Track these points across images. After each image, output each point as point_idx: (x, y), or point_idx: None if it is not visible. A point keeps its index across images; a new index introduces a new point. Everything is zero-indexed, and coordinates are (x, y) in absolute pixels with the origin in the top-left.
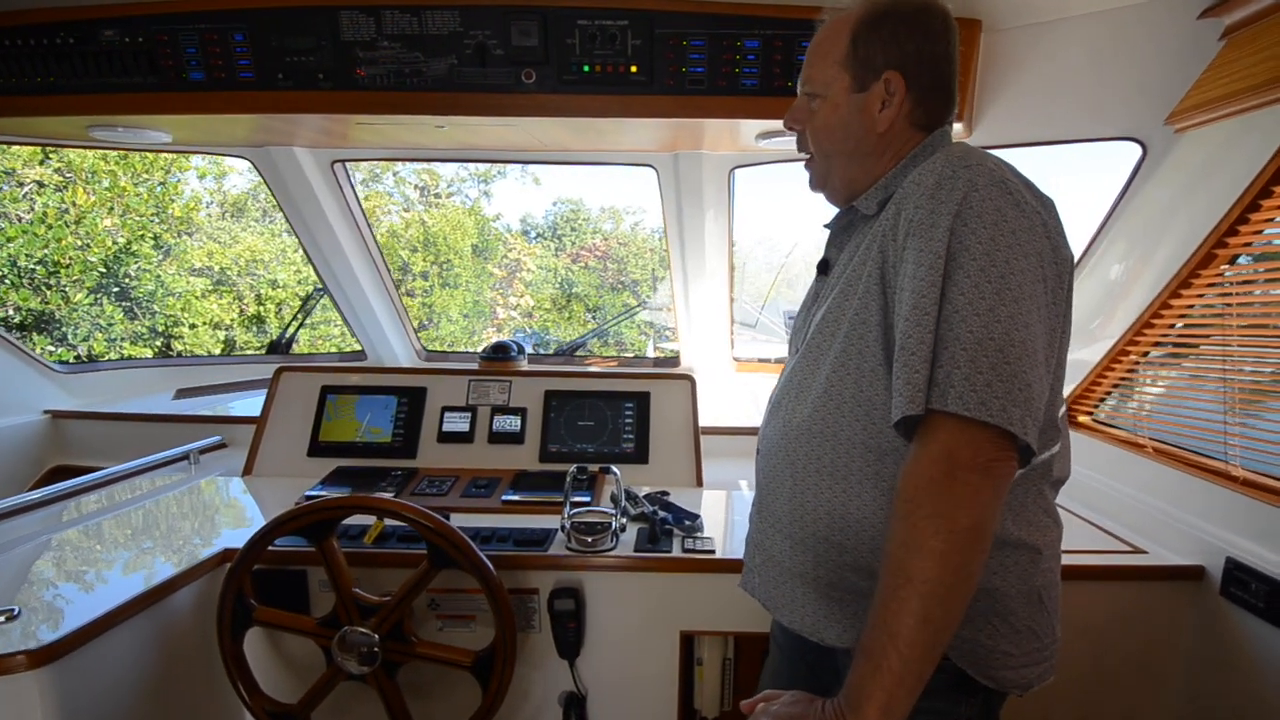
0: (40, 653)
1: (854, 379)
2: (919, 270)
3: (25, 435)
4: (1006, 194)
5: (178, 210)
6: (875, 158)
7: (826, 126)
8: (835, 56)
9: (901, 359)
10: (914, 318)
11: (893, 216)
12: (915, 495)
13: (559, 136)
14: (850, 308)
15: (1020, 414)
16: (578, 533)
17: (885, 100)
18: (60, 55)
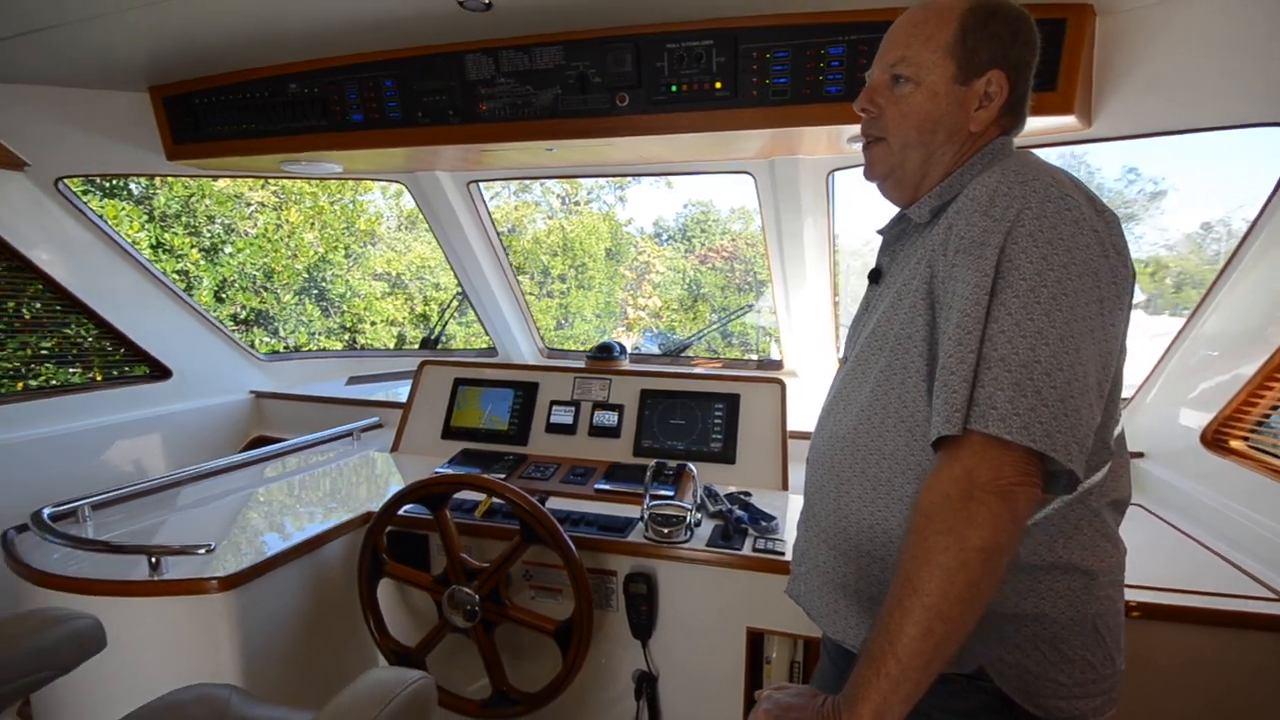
0: (227, 580)
1: (898, 394)
2: (966, 289)
3: (236, 410)
4: (1063, 211)
5: (363, 224)
6: (952, 156)
7: (916, 114)
8: (940, 42)
9: (942, 378)
10: (957, 336)
11: (944, 230)
12: (930, 510)
13: (656, 151)
14: (898, 321)
15: (1066, 440)
16: (654, 523)
17: (984, 100)
18: (258, 106)
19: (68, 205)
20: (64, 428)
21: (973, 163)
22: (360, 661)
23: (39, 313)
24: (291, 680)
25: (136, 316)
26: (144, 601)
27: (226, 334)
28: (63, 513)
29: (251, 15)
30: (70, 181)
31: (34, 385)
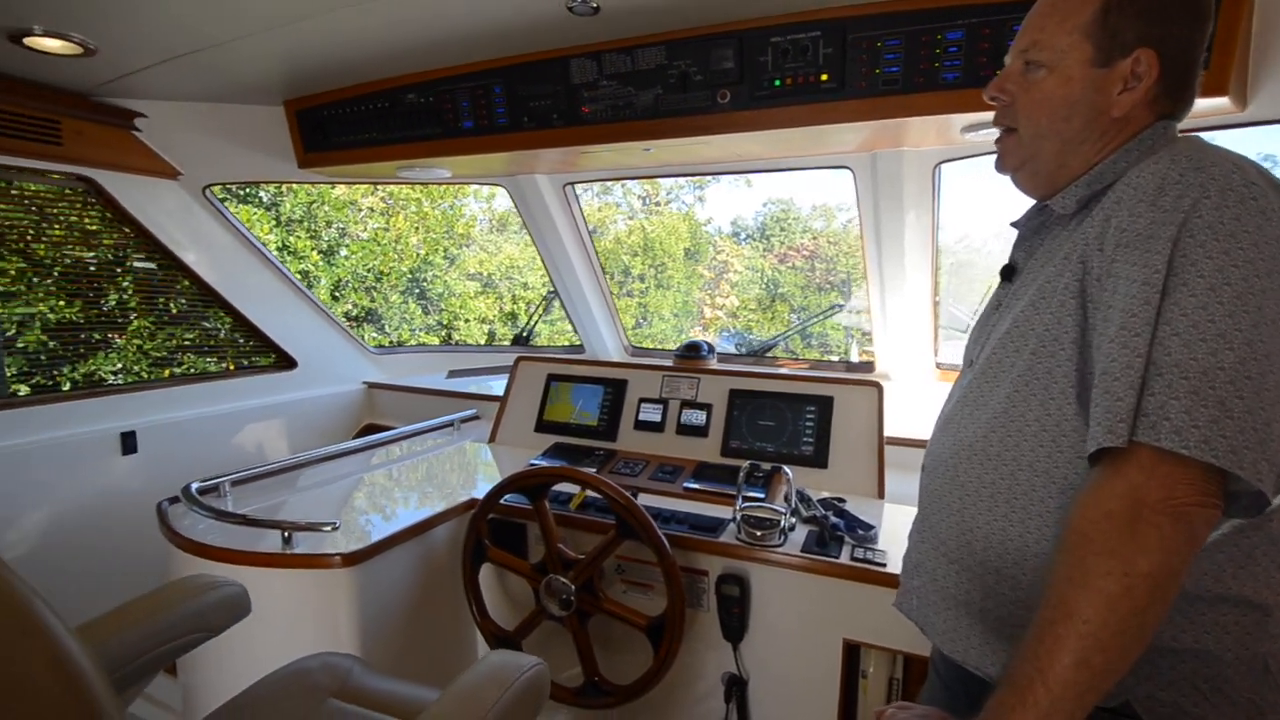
0: (349, 556)
1: (1039, 401)
2: (1131, 286)
3: (350, 399)
4: (1247, 200)
5: (460, 228)
6: (1094, 144)
7: (1049, 101)
8: (1076, 22)
9: (1103, 384)
10: (1121, 339)
11: (1100, 223)
12: (1088, 530)
13: (752, 148)
14: (1041, 322)
15: (1255, 457)
16: (747, 525)
17: (1130, 81)
18: (378, 115)
19: (213, 210)
20: (204, 411)
21: (1127, 149)
22: (460, 640)
23: (184, 307)
24: (400, 655)
25: (268, 311)
26: (277, 572)
27: (343, 329)
28: (207, 487)
29: (376, 31)
30: (214, 189)
31: (178, 372)
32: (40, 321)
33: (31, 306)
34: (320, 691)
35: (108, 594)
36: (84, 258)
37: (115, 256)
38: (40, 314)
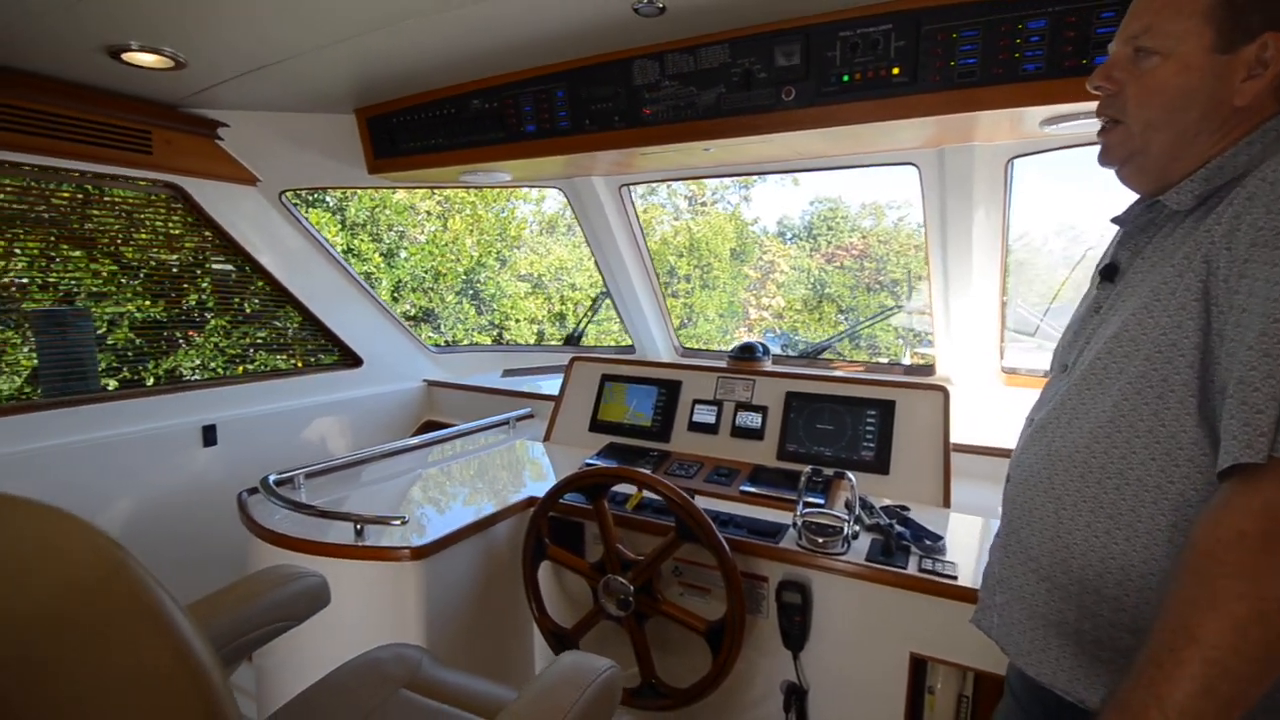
0: (417, 550)
1: (1153, 411)
2: (1273, 289)
3: (411, 396)
4: None
5: (513, 231)
6: (1212, 136)
7: (1163, 90)
8: (1196, 6)
9: (1240, 395)
10: (1262, 346)
11: (1229, 221)
12: (1216, 550)
13: (815, 145)
14: (1156, 326)
15: None
16: (809, 531)
17: (1254, 69)
18: (444, 121)
19: (287, 215)
20: (277, 406)
21: (1249, 141)
22: (519, 636)
23: (256, 307)
24: (463, 648)
25: (336, 312)
26: (349, 564)
27: (405, 328)
28: (283, 479)
29: (444, 39)
30: (289, 194)
31: (250, 369)
32: (128, 320)
33: (120, 306)
34: (392, 682)
35: (192, 579)
36: (167, 260)
37: (195, 259)
38: (128, 313)
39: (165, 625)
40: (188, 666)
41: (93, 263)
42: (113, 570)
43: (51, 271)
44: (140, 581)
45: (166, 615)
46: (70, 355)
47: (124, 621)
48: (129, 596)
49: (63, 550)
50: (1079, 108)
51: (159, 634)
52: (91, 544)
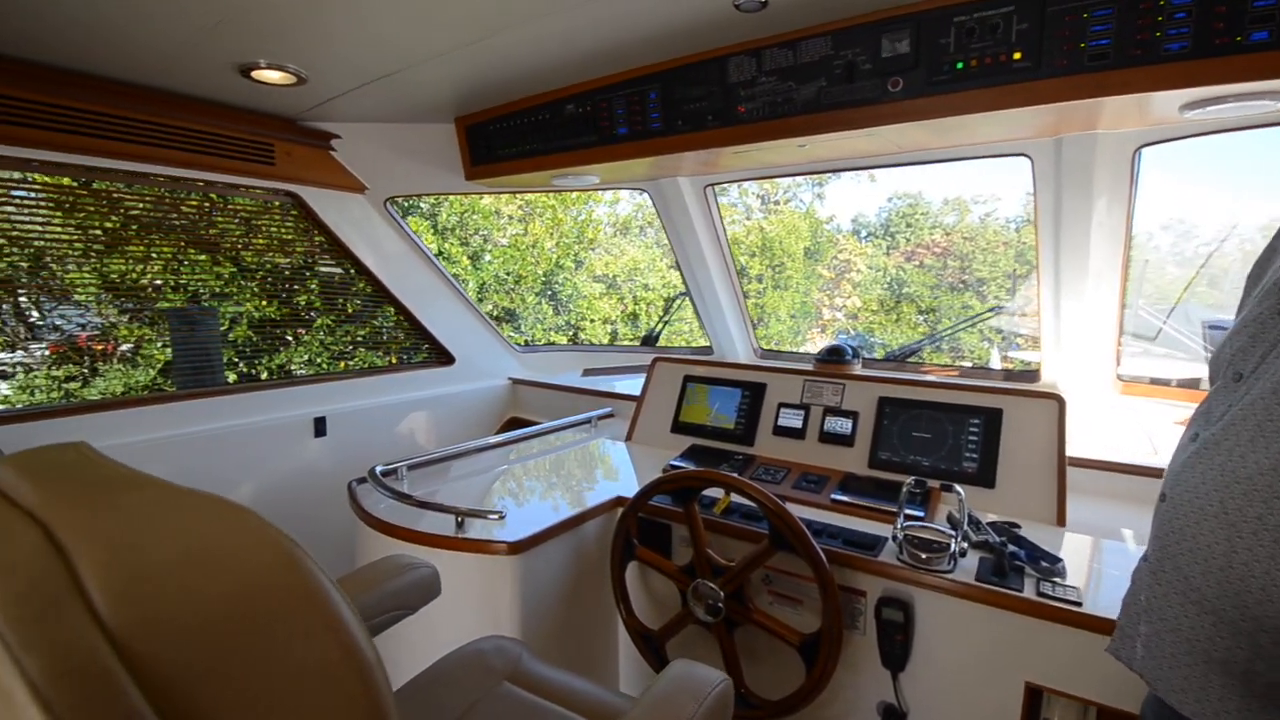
0: (513, 545)
1: None
2: None
3: (497, 394)
4: None
5: (590, 233)
6: None
7: None
8: None
9: None
10: None
11: None
12: None
13: (918, 138)
14: None
15: None
16: (911, 546)
17: None
18: (538, 127)
19: (391, 220)
20: (378, 400)
21: None
22: (605, 633)
23: (357, 307)
24: (554, 643)
25: (432, 312)
26: (450, 555)
27: (494, 328)
28: (388, 470)
29: (540, 47)
30: (393, 201)
31: (350, 366)
32: (246, 319)
33: (239, 306)
34: (495, 674)
35: None
36: (280, 263)
37: (305, 262)
38: (246, 312)
39: (336, 620)
40: (355, 660)
41: (216, 266)
42: (288, 564)
43: (181, 274)
44: (314, 576)
45: (336, 609)
46: (200, 350)
47: (299, 616)
48: (304, 591)
49: (243, 545)
50: (1231, 89)
51: (330, 629)
52: (268, 538)
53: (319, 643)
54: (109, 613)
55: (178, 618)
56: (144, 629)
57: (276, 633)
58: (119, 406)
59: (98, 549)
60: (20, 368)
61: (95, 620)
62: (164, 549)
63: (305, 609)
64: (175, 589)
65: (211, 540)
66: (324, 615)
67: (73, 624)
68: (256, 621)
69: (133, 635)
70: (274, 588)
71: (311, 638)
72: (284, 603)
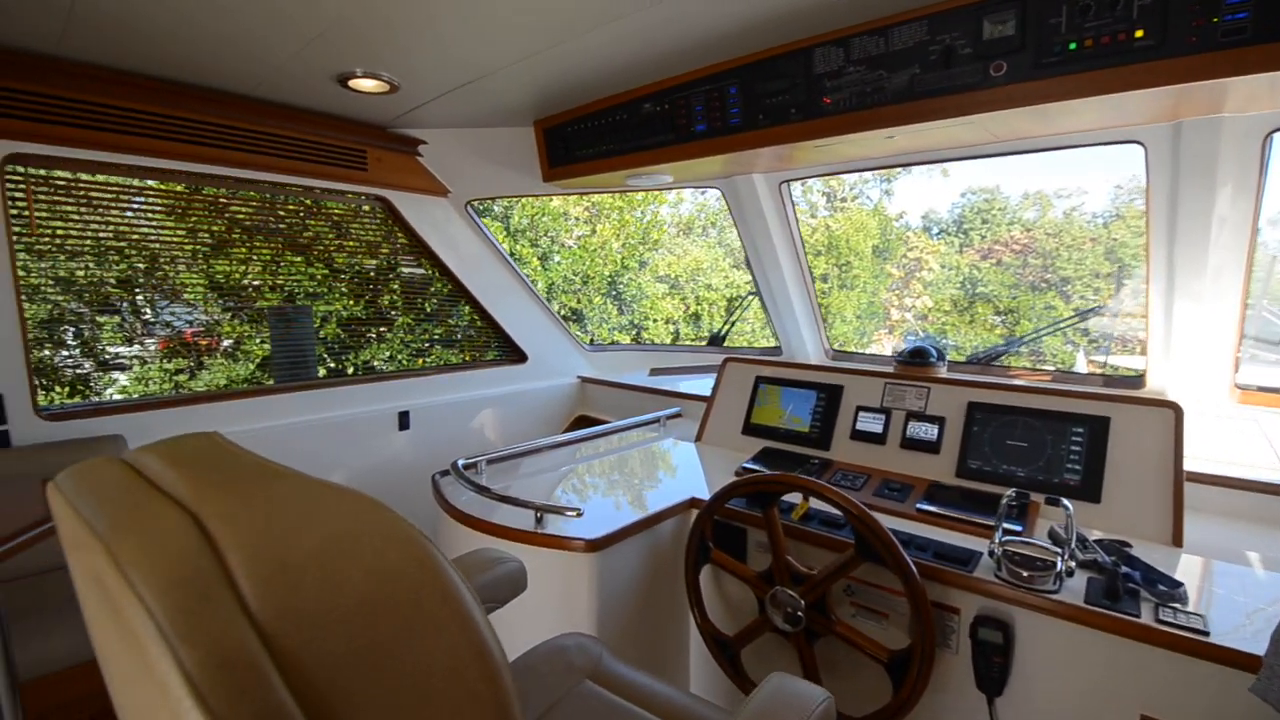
0: (592, 542)
1: None
2: None
3: (566, 392)
4: None
5: (656, 234)
6: None
7: None
8: None
9: None
10: None
11: None
12: None
13: (1019, 125)
14: None
15: None
16: (1012, 563)
17: None
18: (615, 128)
19: (470, 222)
20: (457, 396)
21: None
22: (678, 635)
23: (435, 306)
24: (628, 643)
25: (507, 311)
26: (530, 550)
27: (564, 328)
28: (469, 464)
29: (619, 47)
30: (473, 203)
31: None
32: (335, 317)
33: (330, 305)
34: (577, 672)
35: None
36: (366, 264)
37: (389, 263)
38: (335, 311)
39: (467, 617)
40: (484, 659)
41: (309, 267)
42: (422, 560)
43: (279, 275)
44: (446, 572)
45: (467, 607)
46: (296, 347)
47: (432, 612)
48: (436, 586)
49: (379, 538)
50: None
51: (461, 626)
52: (403, 533)
53: (449, 639)
54: (256, 604)
55: (318, 610)
56: (287, 621)
57: (411, 628)
58: (224, 398)
59: (244, 539)
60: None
61: (244, 611)
62: (305, 541)
63: (438, 605)
64: (316, 581)
65: (349, 533)
66: (455, 612)
67: (224, 614)
68: (392, 616)
69: (276, 627)
70: (409, 583)
71: (442, 634)
72: (418, 598)
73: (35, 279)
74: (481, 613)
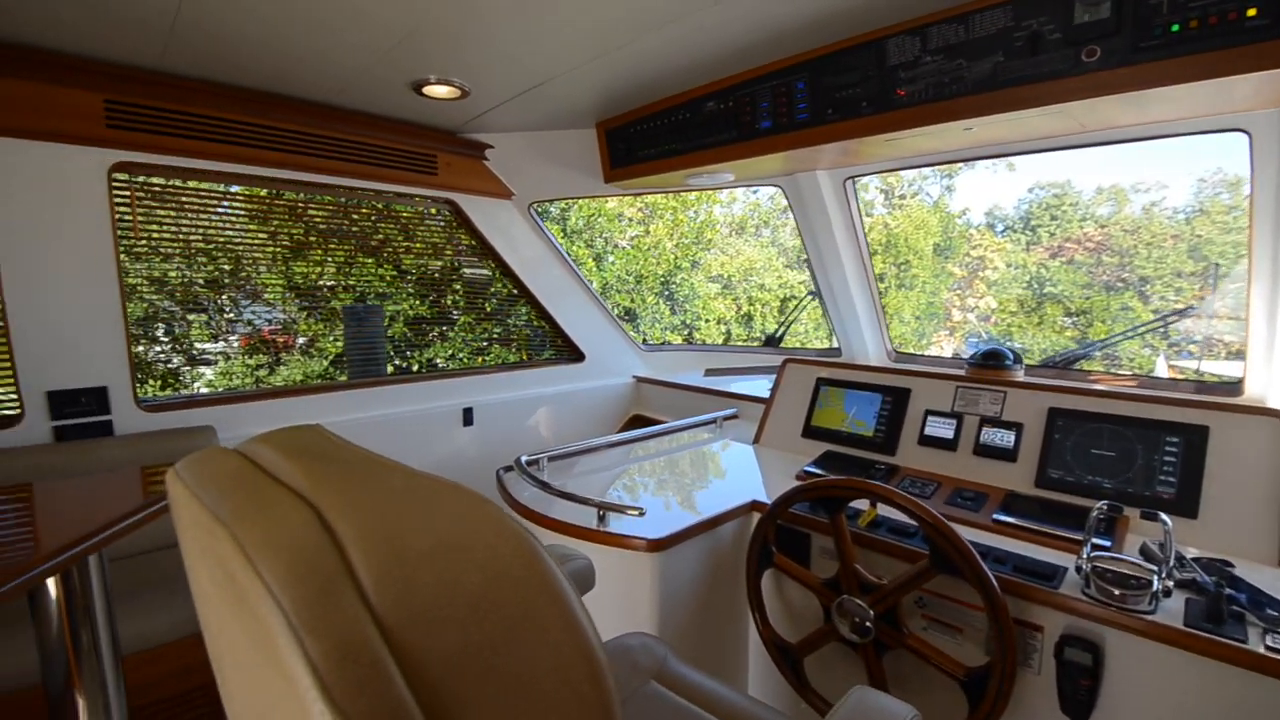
0: (654, 542)
1: None
2: None
3: (622, 391)
4: None
5: (710, 234)
6: None
7: None
8: None
9: None
10: None
11: None
12: None
13: (1111, 114)
14: None
15: None
16: (1102, 580)
17: None
18: (677, 127)
19: (533, 224)
20: (517, 394)
21: None
22: (737, 639)
23: (495, 306)
24: (688, 646)
25: (566, 311)
26: (593, 548)
27: (621, 327)
28: (531, 461)
29: (682, 47)
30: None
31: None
32: (402, 317)
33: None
34: (643, 672)
35: None
36: (431, 265)
37: (452, 264)
38: (403, 311)
39: (574, 619)
40: (590, 663)
41: (379, 268)
42: (530, 559)
43: (351, 276)
44: (552, 572)
45: (573, 609)
46: (368, 344)
47: (539, 613)
48: (544, 587)
49: (489, 536)
50: None
51: (568, 628)
52: (511, 530)
53: (556, 639)
54: (375, 598)
55: (434, 606)
56: (404, 616)
57: (520, 627)
58: (302, 393)
59: (362, 532)
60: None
61: (365, 605)
62: (420, 535)
63: (546, 606)
64: (432, 577)
65: (460, 529)
66: (562, 612)
67: (347, 607)
68: (502, 615)
69: (395, 622)
70: (518, 582)
71: (548, 635)
72: (527, 598)
73: (132, 279)
74: (585, 613)
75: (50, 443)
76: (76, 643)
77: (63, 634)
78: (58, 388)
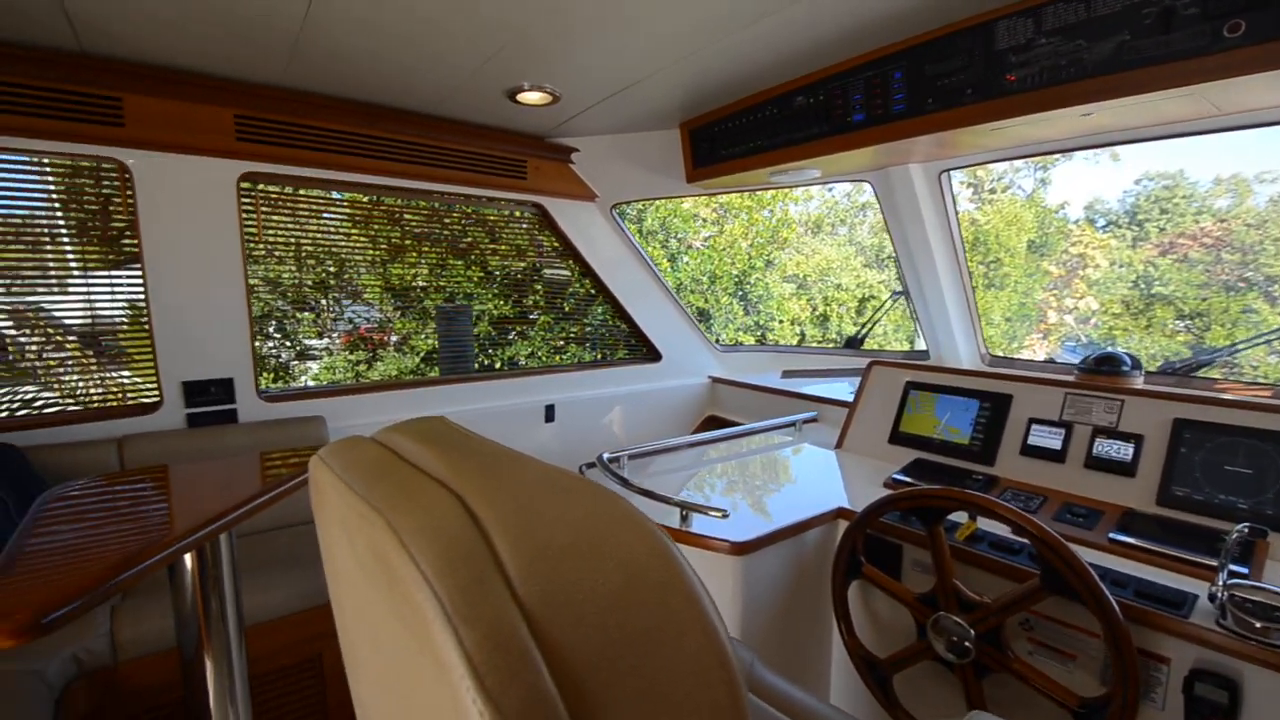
0: (737, 545)
1: None
2: None
3: (697, 392)
4: None
5: (785, 233)
6: None
7: None
8: None
9: None
10: None
11: None
12: None
13: (1251, 95)
14: None
15: None
16: (1241, 610)
17: None
18: (763, 124)
19: (615, 225)
20: (595, 392)
21: None
22: (819, 649)
23: (573, 306)
24: (770, 652)
25: (645, 311)
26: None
27: (697, 327)
28: (613, 458)
29: (767, 43)
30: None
31: (564, 359)
32: (488, 317)
33: (483, 305)
34: None
35: None
36: (515, 267)
37: (534, 266)
38: (488, 310)
39: (708, 622)
40: (725, 668)
41: (467, 270)
42: (665, 559)
43: (442, 278)
44: (686, 573)
45: (707, 611)
46: (458, 342)
47: (676, 614)
48: (679, 588)
49: (624, 533)
50: None
51: (704, 631)
52: (645, 528)
53: (694, 643)
54: (521, 589)
55: (576, 600)
56: (549, 608)
57: (659, 628)
58: (398, 387)
59: (505, 521)
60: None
61: (512, 595)
62: (559, 527)
63: (683, 605)
64: (573, 570)
65: (595, 525)
66: (698, 615)
67: (497, 597)
68: (642, 614)
69: (540, 614)
70: (654, 582)
71: (686, 639)
72: (665, 600)
73: (252, 280)
74: (720, 618)
75: (183, 428)
76: (208, 611)
77: (196, 603)
78: (191, 378)
